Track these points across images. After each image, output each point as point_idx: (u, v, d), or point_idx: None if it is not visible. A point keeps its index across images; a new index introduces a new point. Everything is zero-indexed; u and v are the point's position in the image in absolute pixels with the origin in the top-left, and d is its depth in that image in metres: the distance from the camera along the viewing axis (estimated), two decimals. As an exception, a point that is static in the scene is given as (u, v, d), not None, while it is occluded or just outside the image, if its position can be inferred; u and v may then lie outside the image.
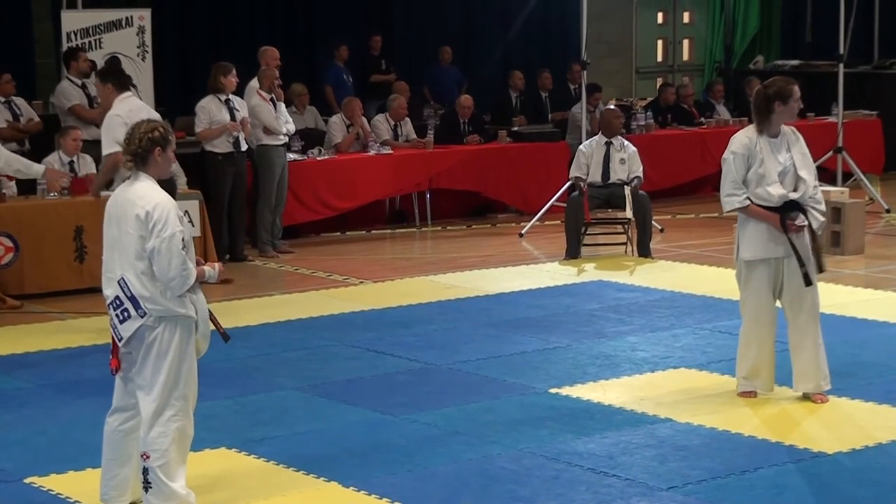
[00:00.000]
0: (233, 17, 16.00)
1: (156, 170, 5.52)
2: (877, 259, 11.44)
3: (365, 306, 9.77)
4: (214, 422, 6.80)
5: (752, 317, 7.15)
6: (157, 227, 5.36)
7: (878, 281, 10.48)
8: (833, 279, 10.47)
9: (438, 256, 12.01)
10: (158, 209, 5.39)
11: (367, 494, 5.82)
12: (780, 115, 6.91)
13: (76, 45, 12.20)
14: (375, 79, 15.80)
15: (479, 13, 17.84)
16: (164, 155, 5.52)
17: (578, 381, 7.59)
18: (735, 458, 6.24)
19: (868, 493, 5.73)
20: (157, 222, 5.36)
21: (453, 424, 6.82)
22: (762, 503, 5.65)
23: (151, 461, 5.42)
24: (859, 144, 15.09)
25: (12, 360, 8.38)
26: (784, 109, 6.89)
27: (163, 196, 5.47)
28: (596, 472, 6.04)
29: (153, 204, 5.40)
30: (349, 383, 7.66)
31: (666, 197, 14.40)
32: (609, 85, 17.46)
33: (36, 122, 12.04)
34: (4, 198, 10.46)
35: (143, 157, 5.49)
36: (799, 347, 7.10)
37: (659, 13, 20.24)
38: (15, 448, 6.55)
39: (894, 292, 9.93)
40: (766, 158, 6.91)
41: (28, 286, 10.28)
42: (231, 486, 5.94)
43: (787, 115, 6.95)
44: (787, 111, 6.91)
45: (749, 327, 7.18)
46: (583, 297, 9.96)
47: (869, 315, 9.11)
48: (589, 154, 11.82)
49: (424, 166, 13.41)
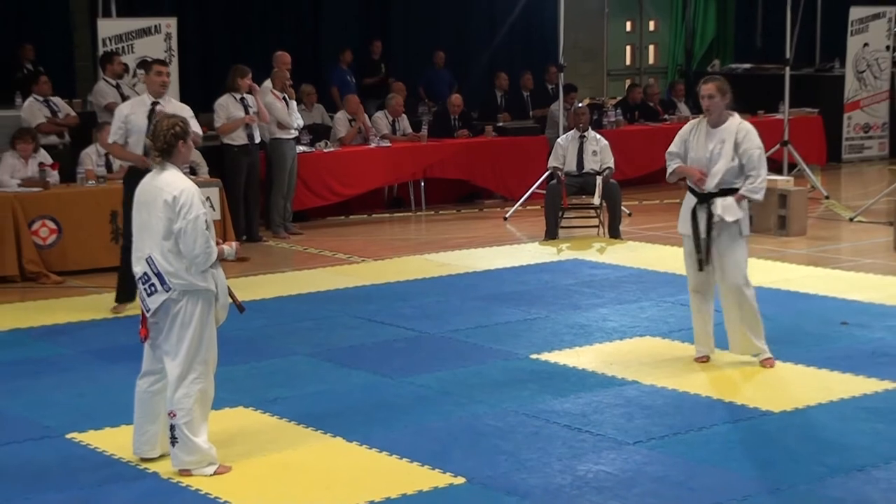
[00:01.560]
0: (249, 25, 15.94)
1: (180, 158, 5.54)
2: (817, 240, 11.44)
3: (366, 281, 9.75)
4: (233, 384, 6.79)
5: (689, 287, 7.19)
6: (184, 210, 5.34)
7: (818, 259, 10.48)
8: (779, 258, 10.48)
9: (432, 237, 11.98)
10: (185, 194, 5.37)
11: (369, 448, 5.81)
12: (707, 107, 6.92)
13: (111, 50, 12.15)
14: (368, 81, 15.75)
15: (469, 21, 17.79)
16: (185, 145, 5.55)
17: (556, 348, 7.59)
18: (693, 416, 6.24)
19: (809, 447, 5.74)
20: (183, 206, 5.35)
21: (445, 386, 6.81)
22: (717, 456, 5.65)
23: (177, 419, 5.42)
24: (803, 139, 15.07)
25: (55, 329, 8.36)
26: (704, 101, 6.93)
27: (188, 183, 5.46)
28: (571, 429, 6.04)
29: (179, 190, 5.39)
30: (352, 349, 7.65)
31: (634, 185, 14.37)
32: (583, 86, 17.40)
33: (73, 116, 11.99)
34: (49, 185, 10.42)
35: (168, 151, 5.49)
36: (726, 318, 7.12)
37: (627, 22, 20.20)
38: (57, 407, 6.54)
39: (832, 269, 9.94)
40: (696, 142, 6.95)
41: (69, 264, 10.25)
42: (248, 441, 5.94)
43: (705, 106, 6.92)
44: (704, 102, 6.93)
45: (690, 297, 7.21)
46: (560, 274, 9.94)
47: (810, 290, 9.11)
48: (565, 146, 11.81)
49: (419, 158, 13.37)
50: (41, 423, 6.28)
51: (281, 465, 5.63)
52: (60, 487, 5.39)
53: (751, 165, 6.87)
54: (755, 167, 6.87)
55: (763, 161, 6.95)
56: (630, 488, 5.25)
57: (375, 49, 16.07)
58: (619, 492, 5.21)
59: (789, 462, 5.53)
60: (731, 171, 6.91)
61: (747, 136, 6.91)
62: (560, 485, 5.30)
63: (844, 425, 6.02)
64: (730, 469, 5.47)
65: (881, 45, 16.97)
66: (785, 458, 5.58)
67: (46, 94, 11.81)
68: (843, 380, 6.78)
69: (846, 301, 8.69)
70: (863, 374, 6.87)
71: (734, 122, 6.97)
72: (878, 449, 5.67)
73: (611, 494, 5.18)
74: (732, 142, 6.89)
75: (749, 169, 6.88)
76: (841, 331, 7.87)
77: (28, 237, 10.06)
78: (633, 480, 5.34)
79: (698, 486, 5.29)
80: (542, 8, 17.68)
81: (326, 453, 5.80)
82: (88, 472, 5.56)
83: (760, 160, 6.91)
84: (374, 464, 5.63)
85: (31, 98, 11.70)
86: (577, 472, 5.45)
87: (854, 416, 6.15)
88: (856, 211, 12.53)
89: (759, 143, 6.95)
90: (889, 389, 6.59)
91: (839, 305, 8.56)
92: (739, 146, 6.89)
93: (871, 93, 17.02)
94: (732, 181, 6.92)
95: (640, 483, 5.31)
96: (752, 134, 6.94)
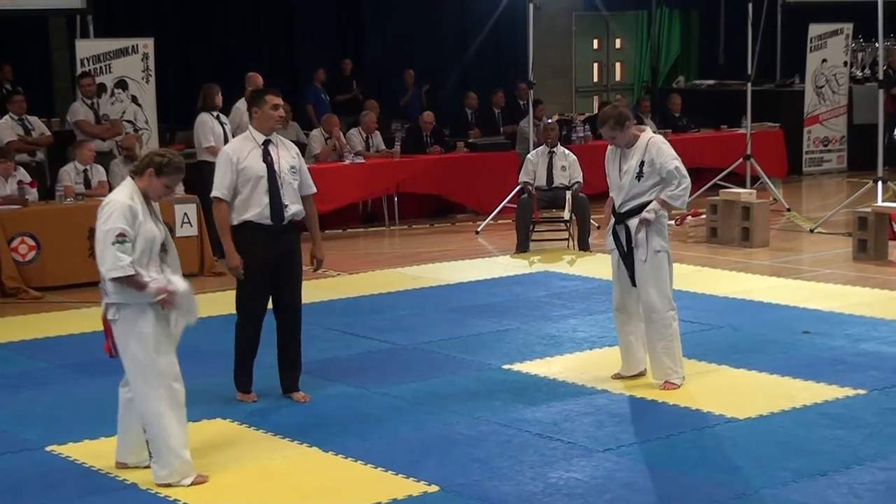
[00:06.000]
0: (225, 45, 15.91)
1: (144, 184, 5.37)
2: (780, 251, 11.51)
3: (341, 294, 9.73)
4: (210, 396, 6.75)
5: (613, 305, 7.10)
6: (101, 219, 5.29)
7: (780, 270, 10.55)
8: (743, 269, 10.53)
9: (405, 251, 11.98)
10: (109, 206, 5.30)
11: (344, 458, 5.80)
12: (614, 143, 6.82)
13: (86, 71, 12.12)
14: (339, 98, 15.78)
15: (441, 40, 17.83)
16: (154, 178, 5.34)
17: (527, 358, 7.59)
18: (661, 423, 6.26)
19: (774, 452, 5.76)
20: (103, 214, 5.29)
21: (418, 396, 6.80)
22: (685, 462, 5.67)
23: (148, 434, 5.37)
24: (765, 152, 15.15)
25: (35, 343, 8.30)
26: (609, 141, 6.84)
27: (120, 197, 5.32)
28: (543, 437, 6.05)
29: (108, 200, 5.36)
30: (328, 361, 7.62)
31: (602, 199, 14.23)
32: (552, 102, 17.46)
33: (47, 136, 11.94)
34: (28, 203, 10.35)
35: (140, 168, 5.40)
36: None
37: (594, 40, 20.29)
38: (37, 420, 6.49)
39: (794, 280, 10.00)
40: (612, 164, 6.89)
41: (48, 279, 10.18)
42: (225, 452, 5.90)
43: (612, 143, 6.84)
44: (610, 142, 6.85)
45: (614, 315, 7.13)
46: (531, 286, 9.95)
47: (773, 299, 9.16)
48: (535, 162, 11.85)
49: (393, 173, 13.37)
50: (21, 435, 6.23)
51: (258, 475, 5.60)
52: (40, 499, 5.34)
53: (670, 178, 6.70)
54: (674, 177, 6.69)
55: (681, 170, 6.72)
56: (600, 495, 5.25)
57: (346, 66, 16.14)
58: (589, 498, 5.21)
59: (755, 467, 5.55)
60: (643, 189, 6.76)
61: (659, 152, 6.73)
62: (532, 492, 5.30)
63: (807, 431, 6.05)
64: (697, 475, 5.49)
65: (839, 61, 17.12)
66: (750, 464, 5.60)
67: (21, 113, 11.76)
68: (806, 387, 6.82)
69: (807, 310, 8.74)
70: (824, 381, 6.91)
71: (644, 139, 6.80)
72: (840, 454, 5.70)
73: (581, 501, 5.19)
74: (639, 159, 6.74)
75: (669, 181, 6.71)
76: (803, 339, 7.91)
77: (7, 254, 10.00)
78: (604, 487, 5.34)
79: (667, 491, 5.31)
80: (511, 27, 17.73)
81: (303, 463, 5.78)
82: (68, 484, 5.51)
83: (679, 170, 6.70)
84: (350, 473, 5.61)
85: (7, 117, 11.65)
86: (549, 479, 5.45)
87: (816, 423, 6.19)
88: (816, 222, 12.62)
89: (672, 154, 6.74)
90: (849, 396, 6.64)
91: (801, 315, 8.61)
92: (654, 162, 6.72)
93: (830, 107, 17.16)
94: (641, 197, 6.76)
95: (611, 489, 5.31)
96: (663, 148, 6.73)
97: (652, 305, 6.77)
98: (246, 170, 6.51)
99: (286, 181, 6.54)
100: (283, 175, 6.53)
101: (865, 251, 10.81)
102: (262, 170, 6.50)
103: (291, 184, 6.57)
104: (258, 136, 6.62)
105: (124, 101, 12.42)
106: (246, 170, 6.51)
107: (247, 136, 6.68)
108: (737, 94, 15.74)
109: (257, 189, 6.49)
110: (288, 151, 6.67)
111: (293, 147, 6.82)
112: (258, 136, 6.62)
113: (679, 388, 6.81)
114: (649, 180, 6.76)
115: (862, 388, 6.76)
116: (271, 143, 6.61)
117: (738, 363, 7.32)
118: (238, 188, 6.52)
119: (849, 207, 12.32)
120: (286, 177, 6.55)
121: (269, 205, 6.50)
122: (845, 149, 17.32)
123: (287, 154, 6.64)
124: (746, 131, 14.21)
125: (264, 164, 6.53)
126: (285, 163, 6.58)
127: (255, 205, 6.51)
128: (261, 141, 6.60)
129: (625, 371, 7.06)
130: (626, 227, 6.86)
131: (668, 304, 6.79)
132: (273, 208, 6.50)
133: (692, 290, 9.35)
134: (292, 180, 6.57)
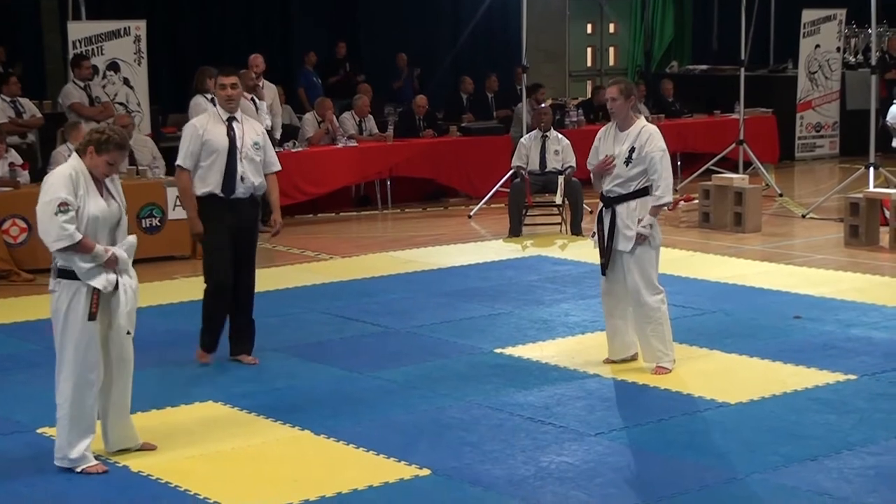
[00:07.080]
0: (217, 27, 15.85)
1: (88, 162, 5.31)
2: (772, 236, 11.52)
3: (334, 278, 9.71)
4: (203, 379, 6.75)
5: (601, 290, 7.11)
6: (42, 193, 5.28)
7: (772, 255, 10.55)
8: (735, 254, 10.53)
9: (398, 235, 11.96)
10: (50, 178, 5.32)
11: (336, 441, 5.79)
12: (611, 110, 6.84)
13: (80, 53, 12.06)
14: (332, 80, 15.75)
15: (434, 24, 17.78)
16: (95, 155, 5.28)
17: (519, 343, 7.59)
18: (653, 407, 6.26)
19: (765, 437, 5.77)
20: (43, 188, 5.31)
21: (410, 380, 6.80)
22: (676, 446, 5.67)
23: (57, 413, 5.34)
24: (757, 138, 15.15)
25: (26, 326, 8.28)
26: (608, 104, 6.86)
27: (61, 169, 5.32)
28: (534, 421, 6.05)
29: (51, 173, 5.37)
30: (320, 345, 7.61)
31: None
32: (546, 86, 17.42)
33: (38, 118, 11.89)
34: (19, 185, 10.31)
35: (83, 146, 5.35)
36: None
37: (588, 24, 20.26)
38: (28, 402, 6.47)
39: (786, 265, 10.01)
40: (604, 144, 6.88)
41: (39, 261, 10.08)
42: (217, 434, 5.89)
43: (609, 109, 6.87)
44: (608, 105, 6.87)
45: (602, 300, 7.14)
46: (523, 270, 9.95)
47: (765, 285, 9.16)
48: (528, 146, 11.83)
49: (385, 157, 13.33)
50: (11, 417, 6.22)
51: (250, 458, 5.60)
52: (31, 481, 5.33)
53: (652, 168, 6.68)
54: (656, 170, 6.67)
55: (665, 163, 6.71)
56: (591, 479, 5.25)
57: (340, 49, 16.10)
58: (580, 482, 5.21)
59: (745, 452, 5.56)
60: (630, 175, 6.74)
61: (650, 139, 6.72)
62: (523, 476, 5.30)
63: (798, 416, 6.06)
64: (688, 459, 5.49)
65: (832, 47, 17.10)
66: (741, 448, 5.61)
67: (14, 95, 11.71)
68: (796, 372, 6.83)
69: (799, 295, 8.74)
70: (815, 366, 6.91)
71: (638, 125, 6.80)
72: (830, 439, 5.71)
73: (573, 485, 5.19)
74: (630, 145, 6.72)
75: (651, 172, 6.70)
76: (794, 324, 7.92)
77: (-1, 236, 9.96)
78: (595, 471, 5.34)
79: (657, 475, 5.31)
80: (504, 11, 17.70)
81: (295, 446, 5.77)
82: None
83: (662, 162, 6.68)
84: (342, 456, 5.61)
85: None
86: (540, 463, 5.45)
87: (807, 408, 6.19)
88: (808, 208, 12.62)
89: (661, 145, 6.73)
90: (840, 381, 6.64)
91: (792, 300, 8.62)
92: (642, 149, 6.70)
93: (823, 93, 17.15)
94: (630, 184, 6.75)
95: (602, 473, 5.31)
96: (654, 136, 6.72)
97: (638, 290, 6.78)
98: (209, 142, 6.90)
99: (248, 156, 6.93)
100: (245, 150, 6.92)
101: (857, 237, 10.82)
102: (225, 144, 6.89)
103: (254, 159, 6.95)
104: (223, 114, 7.03)
105: (116, 84, 12.37)
106: (209, 142, 6.90)
107: (214, 112, 7.11)
108: (730, 79, 15.72)
109: (217, 162, 6.89)
110: (253, 128, 7.07)
111: (259, 126, 7.21)
112: (223, 114, 7.03)
113: (670, 373, 6.81)
114: (637, 167, 6.76)
115: (852, 373, 6.77)
116: (235, 121, 7.00)
117: (729, 348, 7.32)
118: (201, 159, 6.91)
119: (841, 193, 12.32)
120: (248, 152, 6.93)
121: (223, 177, 6.87)
122: (838, 134, 17.32)
123: (252, 131, 7.02)
124: (739, 116, 14.20)
125: (227, 138, 6.92)
126: (249, 139, 6.96)
127: (213, 176, 6.90)
128: (225, 118, 7.00)
129: (612, 355, 7.07)
130: (614, 210, 6.83)
131: (654, 289, 6.80)
132: (226, 181, 6.87)
133: (684, 275, 9.35)
134: (255, 156, 6.96)
